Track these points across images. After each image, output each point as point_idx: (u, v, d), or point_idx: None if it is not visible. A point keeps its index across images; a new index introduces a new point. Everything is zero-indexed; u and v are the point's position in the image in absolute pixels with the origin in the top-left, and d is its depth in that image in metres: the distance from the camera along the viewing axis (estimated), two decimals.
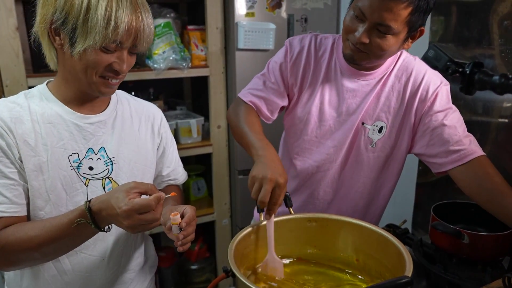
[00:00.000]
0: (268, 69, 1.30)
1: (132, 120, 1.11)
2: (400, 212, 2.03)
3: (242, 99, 1.28)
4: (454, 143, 1.14)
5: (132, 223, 0.83)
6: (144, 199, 0.84)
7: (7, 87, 1.82)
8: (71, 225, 0.86)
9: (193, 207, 0.99)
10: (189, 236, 0.97)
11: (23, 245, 0.88)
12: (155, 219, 0.86)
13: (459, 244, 1.09)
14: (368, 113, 1.22)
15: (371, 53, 1.10)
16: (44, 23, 0.92)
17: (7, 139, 0.91)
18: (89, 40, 0.87)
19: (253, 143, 1.13)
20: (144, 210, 0.83)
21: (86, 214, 0.86)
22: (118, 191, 0.85)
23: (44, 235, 0.88)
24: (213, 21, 2.18)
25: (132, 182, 0.87)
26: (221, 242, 2.51)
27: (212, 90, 2.28)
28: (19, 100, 0.98)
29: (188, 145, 2.30)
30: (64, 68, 0.97)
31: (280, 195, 0.99)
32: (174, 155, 1.23)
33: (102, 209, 0.85)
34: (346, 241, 1.08)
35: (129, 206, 0.82)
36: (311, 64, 1.25)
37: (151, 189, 0.87)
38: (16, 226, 0.91)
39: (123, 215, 0.82)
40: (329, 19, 2.36)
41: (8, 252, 0.89)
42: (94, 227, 0.87)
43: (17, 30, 1.79)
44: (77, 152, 0.99)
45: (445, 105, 1.18)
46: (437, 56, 0.82)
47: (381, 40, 1.06)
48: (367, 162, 1.27)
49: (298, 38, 1.28)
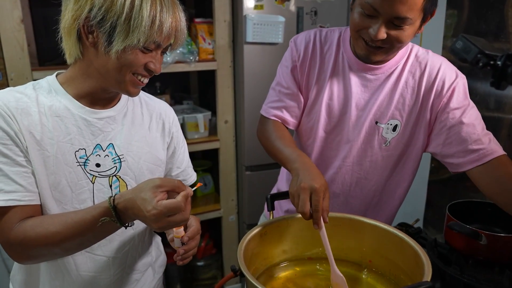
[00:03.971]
0: (278, 75, 1.28)
1: (143, 117, 1.08)
2: (411, 210, 2.00)
3: (265, 116, 1.28)
4: (473, 142, 1.09)
5: (161, 225, 0.82)
6: (173, 201, 0.81)
7: (12, 80, 1.80)
8: (95, 223, 0.85)
9: (198, 219, 0.98)
10: (191, 251, 0.96)
11: (44, 240, 0.86)
12: (184, 220, 0.84)
13: (476, 245, 1.05)
14: (381, 111, 1.18)
15: (390, 47, 1.06)
16: (77, 20, 0.88)
17: (14, 128, 0.88)
18: (131, 40, 0.86)
19: (287, 157, 1.09)
20: (173, 212, 0.81)
21: (110, 212, 0.84)
22: (144, 190, 0.82)
23: (66, 231, 0.86)
24: (221, 14, 2.14)
25: (158, 179, 0.84)
26: (228, 239, 2.50)
27: (219, 84, 2.24)
28: (27, 90, 0.94)
29: (195, 140, 2.27)
30: (89, 65, 0.93)
31: (318, 201, 0.93)
32: (185, 155, 1.20)
33: (128, 208, 0.84)
34: (359, 241, 1.05)
35: (157, 210, 0.80)
36: (317, 59, 1.21)
37: (178, 186, 0.84)
38: (34, 220, 0.89)
39: (151, 219, 0.81)
40: (340, 12, 2.31)
41: (27, 246, 0.87)
42: (119, 224, 0.85)
43: (22, 23, 1.77)
44: (84, 148, 0.96)
45: (462, 101, 1.13)
46: (466, 47, 0.77)
47: (399, 33, 1.03)
48: (381, 161, 1.24)
49: (302, 35, 1.25)
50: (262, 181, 2.32)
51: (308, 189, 0.93)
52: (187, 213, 0.84)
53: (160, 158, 1.09)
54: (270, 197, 1.09)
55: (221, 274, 2.58)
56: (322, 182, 0.95)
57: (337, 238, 1.05)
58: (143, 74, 0.93)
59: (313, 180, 0.94)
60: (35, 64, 1.91)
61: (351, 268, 1.05)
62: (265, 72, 2.18)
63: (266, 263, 1.03)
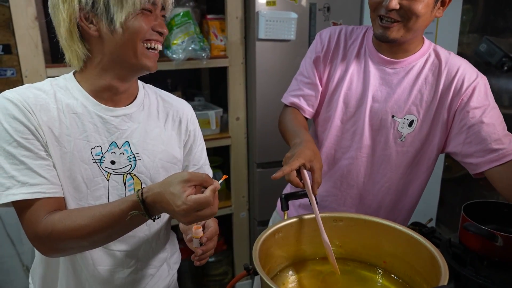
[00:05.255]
0: (301, 66, 1.33)
1: (158, 115, 1.08)
2: (424, 208, 1.98)
3: (284, 103, 1.36)
4: (493, 141, 1.08)
5: (191, 220, 0.83)
6: (202, 196, 0.81)
7: (26, 78, 1.82)
8: (123, 216, 0.85)
9: (216, 220, 0.98)
10: (208, 252, 0.96)
11: (72, 233, 0.87)
12: (213, 214, 0.84)
13: (491, 246, 1.05)
14: (399, 105, 1.19)
15: (404, 21, 1.08)
16: (73, 16, 0.90)
17: (34, 123, 0.89)
18: (128, 7, 0.89)
19: (292, 134, 1.18)
20: (202, 207, 0.82)
21: (139, 205, 0.84)
22: (172, 184, 0.82)
23: (95, 224, 0.86)
24: (233, 10, 2.13)
25: (186, 173, 0.84)
26: (239, 235, 2.50)
27: (231, 81, 2.24)
28: (45, 87, 0.96)
29: (207, 137, 2.26)
30: (101, 58, 0.94)
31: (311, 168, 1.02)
32: (203, 153, 1.20)
33: (156, 202, 0.84)
34: (374, 242, 1.04)
35: (187, 205, 0.80)
36: (339, 51, 1.26)
37: (206, 180, 0.85)
38: (62, 213, 0.90)
39: (181, 213, 0.81)
40: (353, 8, 2.29)
41: (56, 239, 0.88)
42: (147, 217, 0.86)
43: (36, 20, 1.78)
44: (100, 145, 0.97)
45: (483, 101, 1.12)
46: (490, 50, 0.76)
47: (411, 2, 1.05)
48: (395, 157, 1.23)
49: (328, 29, 1.30)
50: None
51: (302, 156, 1.00)
52: (215, 207, 0.84)
53: (176, 156, 1.10)
54: (284, 196, 1.09)
55: (232, 270, 2.60)
56: (317, 156, 1.04)
57: (351, 238, 1.05)
58: (154, 38, 0.94)
59: (307, 149, 1.03)
60: (49, 61, 1.92)
61: (366, 270, 1.05)
62: (276, 69, 2.18)
63: (280, 263, 1.03)
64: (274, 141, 2.12)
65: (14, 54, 1.95)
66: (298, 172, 1.02)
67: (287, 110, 1.34)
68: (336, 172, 1.31)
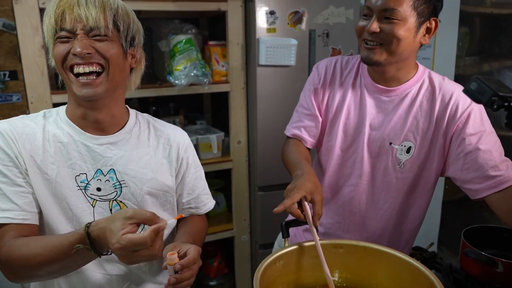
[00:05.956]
0: (301, 98, 1.37)
1: (149, 143, 1.09)
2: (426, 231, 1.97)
3: (287, 135, 1.39)
4: (490, 168, 1.09)
5: (128, 260, 0.80)
6: (138, 236, 0.78)
7: (32, 104, 1.85)
8: (71, 248, 0.83)
9: (199, 248, 0.94)
10: (184, 282, 0.90)
11: (26, 262, 0.87)
12: (151, 256, 0.80)
13: (492, 272, 1.05)
14: (395, 133, 1.21)
15: (385, 43, 1.11)
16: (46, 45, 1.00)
17: (15, 151, 0.94)
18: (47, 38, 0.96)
19: (294, 165, 1.20)
20: (138, 247, 0.78)
21: (85, 239, 0.82)
22: (115, 220, 0.80)
23: (46, 254, 0.86)
24: (234, 37, 2.18)
25: (130, 210, 0.81)
26: (240, 258, 2.49)
27: (232, 106, 2.27)
28: (37, 119, 1.01)
29: (208, 161, 2.29)
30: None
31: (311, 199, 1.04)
32: (199, 182, 1.19)
33: (100, 237, 0.82)
34: (374, 270, 1.04)
35: (121, 245, 0.77)
36: (336, 82, 1.29)
37: (149, 219, 0.81)
38: (23, 240, 0.90)
39: (116, 252, 0.79)
40: (351, 34, 2.32)
41: (13, 267, 0.90)
42: (93, 253, 0.84)
43: (42, 48, 1.82)
44: (85, 173, 1.00)
45: (479, 127, 1.13)
46: (481, 89, 0.78)
47: (391, 26, 1.09)
48: (395, 183, 1.25)
49: (325, 61, 1.34)
50: (275, 201, 2.27)
51: (303, 188, 1.03)
52: (155, 248, 0.80)
53: (167, 184, 1.10)
54: (285, 224, 1.10)
55: None
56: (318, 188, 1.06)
57: (352, 265, 1.05)
58: (74, 62, 0.93)
59: (308, 182, 1.06)
60: (54, 87, 1.97)
61: None
62: (277, 94, 2.21)
63: None
64: (275, 164, 2.12)
65: (20, 80, 1.98)
66: (299, 204, 1.04)
67: (289, 141, 1.37)
68: (339, 199, 1.32)
